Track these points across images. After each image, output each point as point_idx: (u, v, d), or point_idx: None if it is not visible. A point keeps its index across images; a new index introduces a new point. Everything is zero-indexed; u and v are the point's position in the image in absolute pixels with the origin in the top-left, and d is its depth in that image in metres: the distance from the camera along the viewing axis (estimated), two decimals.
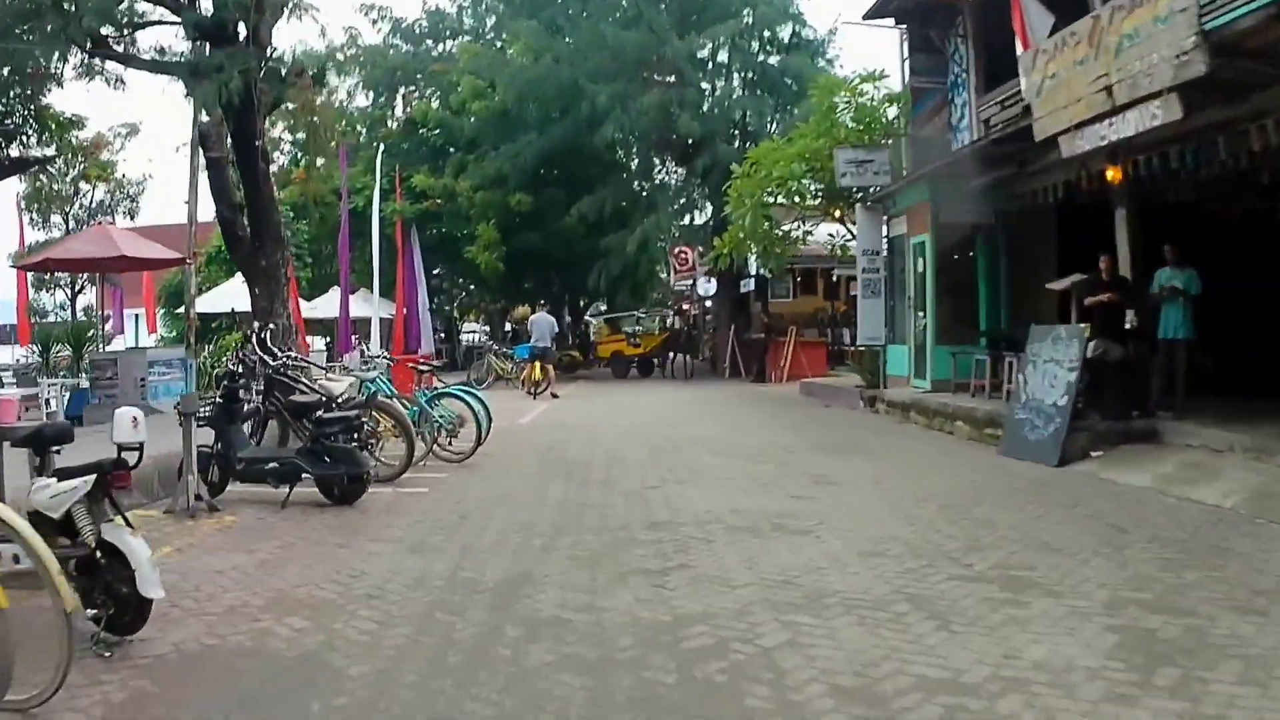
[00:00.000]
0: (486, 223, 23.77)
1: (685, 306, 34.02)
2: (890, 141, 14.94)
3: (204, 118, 9.68)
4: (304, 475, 6.95)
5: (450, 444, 9.19)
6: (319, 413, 7.18)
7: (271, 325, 9.67)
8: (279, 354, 7.98)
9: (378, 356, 12.99)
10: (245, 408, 7.53)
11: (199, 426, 6.98)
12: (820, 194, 15.59)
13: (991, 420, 10.06)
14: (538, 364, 18.08)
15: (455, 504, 7.14)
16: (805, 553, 5.42)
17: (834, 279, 23.42)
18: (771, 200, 14.75)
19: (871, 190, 14.78)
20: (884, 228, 14.71)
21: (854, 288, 27.03)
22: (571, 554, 5.50)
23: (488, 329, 41.43)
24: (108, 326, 17.86)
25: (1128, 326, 9.13)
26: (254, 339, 8.01)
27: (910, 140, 14.90)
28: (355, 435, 7.14)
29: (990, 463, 8.81)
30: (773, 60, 24.73)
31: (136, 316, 24.84)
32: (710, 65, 24.72)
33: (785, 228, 16.35)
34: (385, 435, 8.14)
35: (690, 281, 31.32)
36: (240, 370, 7.61)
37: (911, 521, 6.21)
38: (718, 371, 26.16)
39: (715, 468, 8.68)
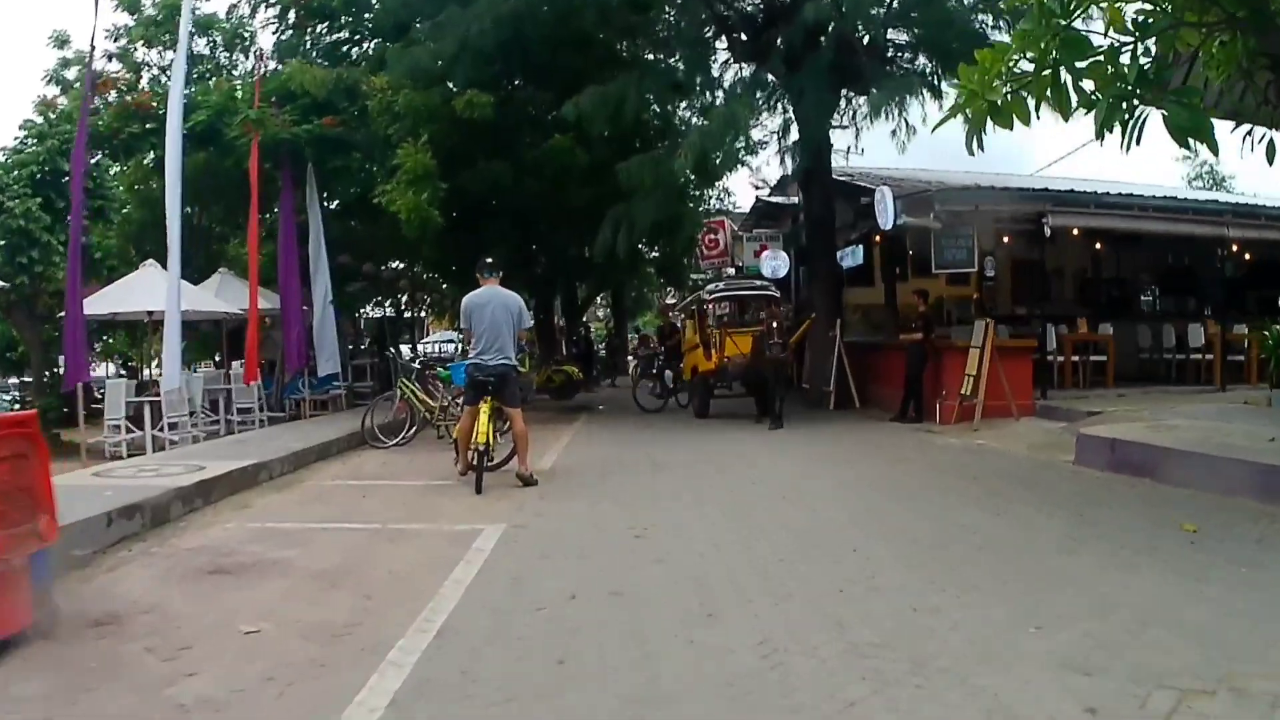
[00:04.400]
0: (414, 142, 13.31)
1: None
2: None
3: None
4: None
5: None
6: None
7: None
8: None
9: None
10: None
11: None
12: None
13: None
14: (484, 405, 7.58)
15: None
16: None
17: (1043, 230, 12.76)
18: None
19: None
20: None
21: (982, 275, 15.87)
22: None
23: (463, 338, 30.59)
24: None
25: None
26: None
27: None
28: None
29: None
30: None
31: None
32: None
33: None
34: None
35: (717, 269, 21.98)
36: None
37: None
38: (808, 397, 15.72)
39: None
